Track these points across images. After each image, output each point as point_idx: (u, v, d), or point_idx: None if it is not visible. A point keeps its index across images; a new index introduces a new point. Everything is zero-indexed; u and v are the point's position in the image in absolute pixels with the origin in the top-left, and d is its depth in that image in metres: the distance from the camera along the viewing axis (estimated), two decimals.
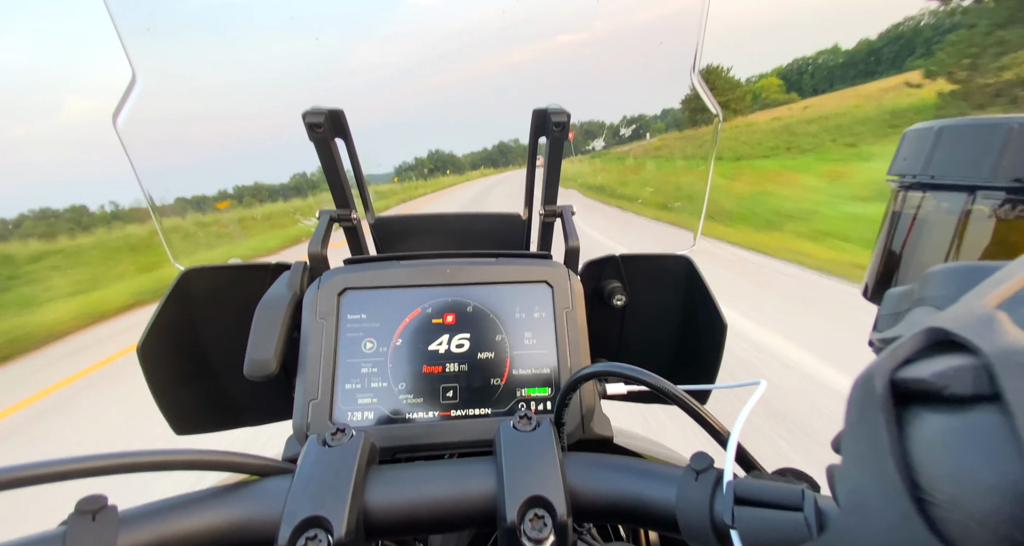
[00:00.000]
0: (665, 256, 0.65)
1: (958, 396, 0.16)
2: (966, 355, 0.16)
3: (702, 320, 0.63)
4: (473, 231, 0.77)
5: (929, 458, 0.16)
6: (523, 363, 0.49)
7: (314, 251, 0.59)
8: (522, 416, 0.38)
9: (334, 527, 0.30)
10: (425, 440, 0.45)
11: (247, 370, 0.47)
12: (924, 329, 0.18)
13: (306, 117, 0.54)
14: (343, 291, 0.50)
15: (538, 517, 0.31)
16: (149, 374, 0.54)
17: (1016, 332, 0.16)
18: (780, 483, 0.28)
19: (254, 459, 0.35)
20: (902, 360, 0.18)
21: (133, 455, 0.29)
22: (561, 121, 0.56)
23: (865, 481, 0.18)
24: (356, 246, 0.70)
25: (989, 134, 0.40)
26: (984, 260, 0.25)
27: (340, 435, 0.36)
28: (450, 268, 0.53)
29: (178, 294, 0.57)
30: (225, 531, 0.32)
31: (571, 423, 0.46)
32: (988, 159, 0.40)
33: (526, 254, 0.55)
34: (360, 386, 0.47)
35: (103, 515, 0.28)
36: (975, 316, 0.17)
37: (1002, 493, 0.14)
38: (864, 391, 0.18)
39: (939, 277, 0.25)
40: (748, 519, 0.26)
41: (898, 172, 0.48)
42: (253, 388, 0.55)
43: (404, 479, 0.34)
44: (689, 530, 0.30)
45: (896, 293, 0.29)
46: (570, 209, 0.68)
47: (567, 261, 0.63)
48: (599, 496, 0.34)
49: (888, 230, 0.51)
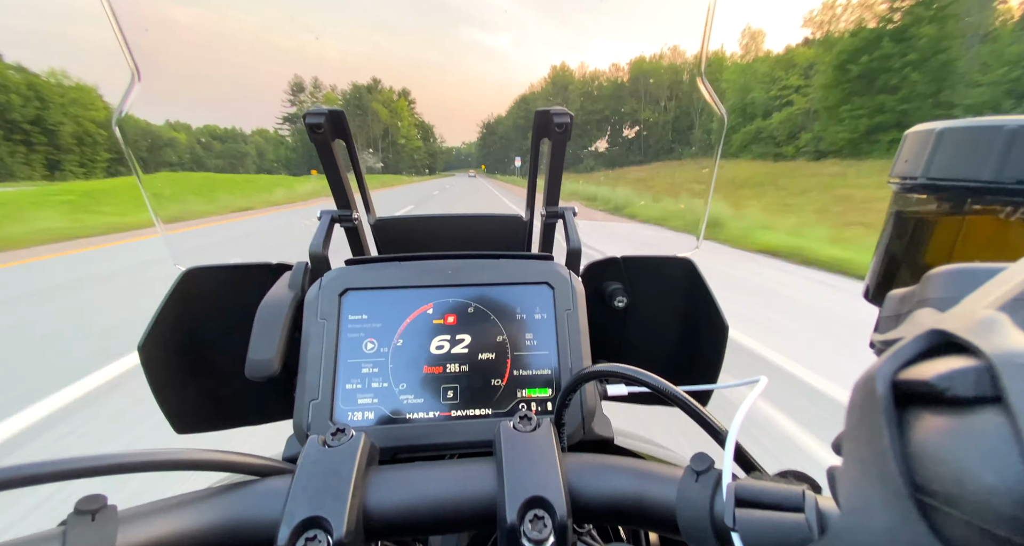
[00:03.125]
0: (667, 258, 0.65)
1: (960, 398, 0.16)
2: (968, 357, 0.16)
3: (703, 322, 0.63)
4: (474, 232, 0.77)
5: (930, 460, 0.16)
6: (524, 364, 0.49)
7: (315, 251, 0.60)
8: (522, 416, 0.38)
9: (334, 527, 0.30)
10: (425, 440, 0.45)
11: (248, 371, 0.47)
12: (926, 331, 0.18)
13: (306, 118, 0.54)
14: (344, 291, 0.50)
15: (538, 518, 0.31)
16: (150, 373, 0.54)
17: (1018, 334, 0.16)
18: (781, 484, 0.28)
19: (254, 459, 0.35)
20: (903, 362, 0.18)
21: (132, 455, 0.29)
22: (563, 122, 0.56)
23: (866, 483, 0.18)
24: (357, 247, 0.71)
25: (990, 136, 0.40)
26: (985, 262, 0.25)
27: (340, 435, 0.36)
28: (451, 269, 0.53)
29: (179, 294, 0.57)
30: (224, 531, 0.32)
31: (572, 424, 0.46)
32: (989, 161, 0.40)
33: (527, 255, 0.55)
34: (361, 386, 0.47)
35: (102, 515, 0.28)
36: (977, 318, 0.17)
37: (1003, 495, 0.14)
38: (865, 393, 0.18)
39: (940, 279, 0.25)
40: (749, 520, 0.26)
41: (899, 174, 0.48)
42: (254, 388, 0.55)
43: (404, 479, 0.34)
44: (689, 531, 0.30)
45: (897, 295, 0.29)
46: (572, 210, 0.68)
47: (568, 262, 0.63)
48: (599, 497, 0.34)
49: (889, 232, 0.51)
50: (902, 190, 0.49)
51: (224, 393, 0.62)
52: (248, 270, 0.61)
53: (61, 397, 2.61)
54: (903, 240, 0.49)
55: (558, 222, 0.69)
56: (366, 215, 0.73)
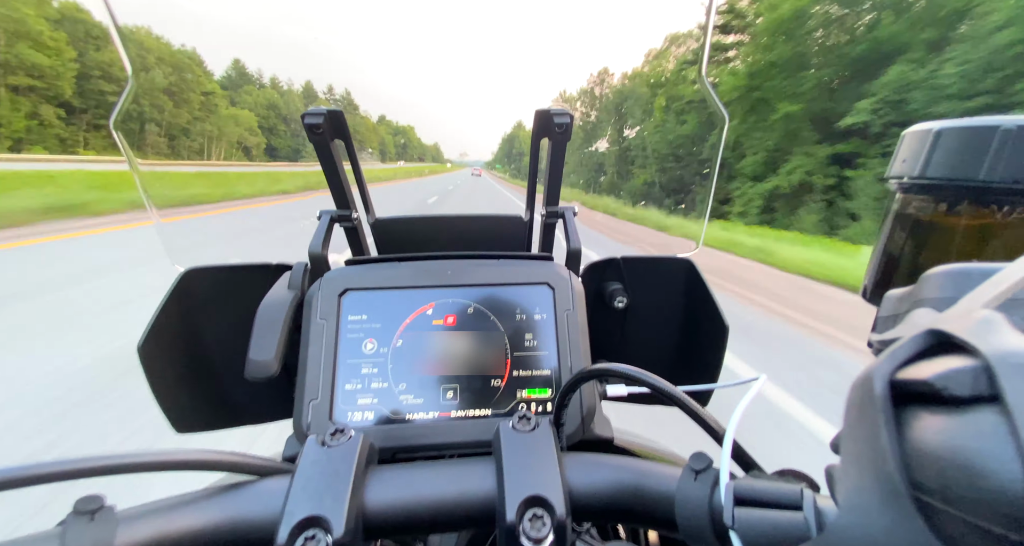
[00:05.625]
0: (667, 258, 0.65)
1: (957, 397, 0.16)
2: (965, 357, 0.16)
3: (703, 322, 0.63)
4: (474, 232, 0.77)
5: (928, 458, 0.16)
6: (523, 364, 0.49)
7: (315, 252, 0.59)
8: (521, 416, 0.38)
9: (333, 527, 0.30)
10: (425, 440, 0.45)
11: (248, 371, 0.47)
12: (923, 331, 0.18)
13: (305, 118, 0.54)
14: (344, 292, 0.50)
15: (537, 517, 0.31)
16: (150, 373, 0.54)
17: (1015, 334, 0.16)
18: (779, 483, 0.28)
19: (253, 459, 0.35)
20: (901, 361, 0.18)
21: (132, 455, 0.29)
22: (564, 122, 0.55)
23: (864, 481, 0.18)
24: (357, 247, 0.70)
25: (987, 135, 0.40)
26: (983, 262, 0.25)
27: (339, 435, 0.36)
28: (451, 269, 0.53)
29: (179, 294, 0.57)
30: (224, 531, 0.32)
31: (571, 424, 0.46)
32: (987, 160, 0.40)
33: (527, 255, 0.55)
34: (360, 386, 0.47)
35: (101, 515, 0.28)
36: (974, 318, 0.17)
37: (1000, 493, 0.14)
38: (863, 392, 0.19)
39: (938, 279, 0.26)
40: (747, 519, 0.26)
41: (897, 174, 0.48)
42: (253, 388, 0.55)
43: (403, 479, 0.35)
44: (688, 530, 0.30)
45: (895, 295, 0.29)
46: (572, 210, 0.68)
47: (568, 263, 0.63)
48: (598, 495, 0.34)
49: (887, 232, 0.51)
50: (900, 190, 0.49)
51: (224, 393, 0.62)
52: (248, 270, 0.61)
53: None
54: (901, 240, 0.49)
55: (558, 222, 0.69)
56: (365, 215, 0.73)
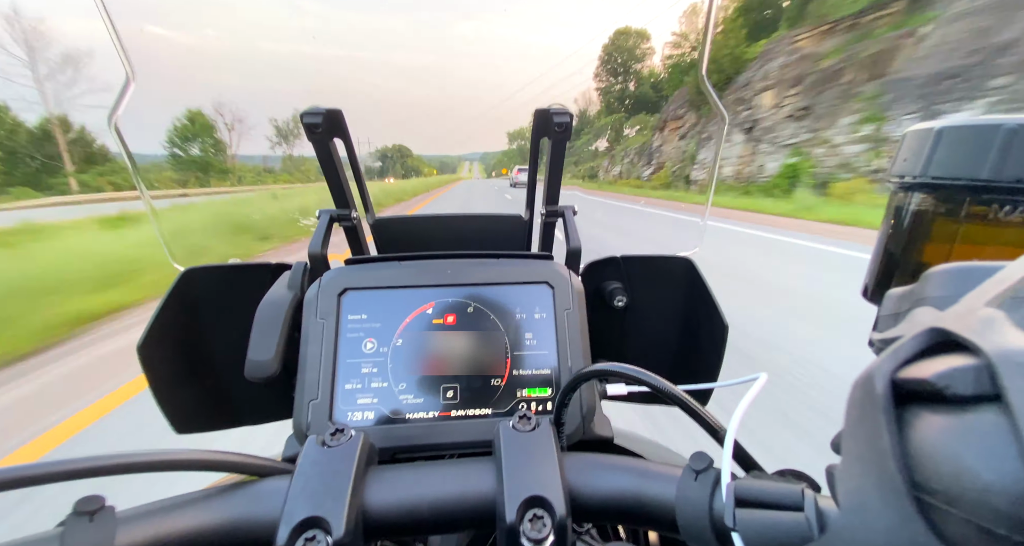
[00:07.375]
0: (667, 257, 0.65)
1: (959, 396, 0.16)
2: (967, 355, 0.16)
3: (703, 321, 0.63)
4: (474, 231, 0.77)
5: (929, 458, 0.16)
6: (523, 364, 0.49)
7: (314, 251, 0.59)
8: (521, 416, 0.38)
9: (333, 527, 0.30)
10: (425, 440, 0.45)
11: (248, 372, 0.47)
12: (925, 329, 0.18)
13: (304, 117, 0.54)
14: (343, 291, 0.50)
15: (537, 517, 0.31)
16: (149, 373, 0.54)
17: (1017, 333, 0.16)
18: (780, 483, 0.28)
19: (253, 459, 0.35)
20: (903, 360, 0.18)
21: (132, 455, 0.29)
22: (563, 121, 0.55)
23: (865, 481, 0.18)
24: (356, 246, 0.70)
25: (989, 135, 0.40)
26: (984, 261, 0.25)
27: (339, 435, 0.35)
28: (451, 268, 0.52)
29: (178, 294, 0.57)
30: (223, 531, 0.32)
31: (571, 424, 0.46)
32: (988, 159, 0.40)
33: (527, 254, 0.55)
34: (360, 386, 0.47)
35: (101, 515, 0.28)
36: (976, 317, 0.17)
37: (1002, 493, 0.14)
38: (864, 391, 0.18)
39: (939, 277, 0.25)
40: (748, 519, 0.26)
41: (898, 173, 0.48)
42: (253, 388, 0.55)
43: (403, 479, 0.34)
44: (689, 530, 0.30)
45: (896, 293, 0.29)
46: (571, 209, 0.68)
47: (568, 262, 0.63)
48: (599, 496, 0.34)
49: (888, 230, 0.51)
50: (901, 189, 0.48)
51: (224, 393, 0.62)
52: (247, 270, 0.61)
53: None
54: (902, 238, 0.49)
55: (558, 221, 0.69)
56: (365, 215, 0.73)
